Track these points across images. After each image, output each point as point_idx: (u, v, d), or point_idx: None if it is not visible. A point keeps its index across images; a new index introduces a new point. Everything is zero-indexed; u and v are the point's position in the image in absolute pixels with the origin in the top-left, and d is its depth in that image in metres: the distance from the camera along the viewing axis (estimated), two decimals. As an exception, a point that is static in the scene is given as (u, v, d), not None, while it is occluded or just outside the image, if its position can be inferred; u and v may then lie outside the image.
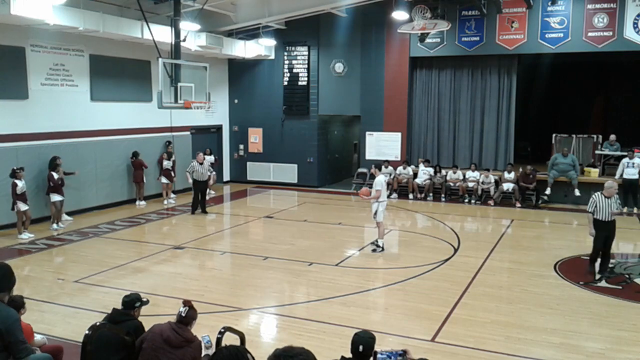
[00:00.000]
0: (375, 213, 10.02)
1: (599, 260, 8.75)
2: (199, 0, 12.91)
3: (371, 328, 4.55)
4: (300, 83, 17.77)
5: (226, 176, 18.95)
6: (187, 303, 4.35)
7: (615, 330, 6.61)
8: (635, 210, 13.84)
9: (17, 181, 10.89)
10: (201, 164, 13.55)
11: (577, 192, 14.30)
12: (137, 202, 14.55)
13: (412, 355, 3.56)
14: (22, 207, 10.95)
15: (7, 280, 4.40)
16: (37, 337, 4.99)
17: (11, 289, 4.50)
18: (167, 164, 15.01)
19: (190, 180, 13.59)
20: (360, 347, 3.67)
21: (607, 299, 7.70)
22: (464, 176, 15.70)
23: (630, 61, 16.02)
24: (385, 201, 10.18)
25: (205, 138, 17.61)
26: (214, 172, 16.51)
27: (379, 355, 3.51)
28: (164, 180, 14.98)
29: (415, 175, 16.13)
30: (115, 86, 14.12)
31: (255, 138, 18.68)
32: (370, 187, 10.41)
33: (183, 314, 4.28)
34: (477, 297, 7.73)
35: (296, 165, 18.15)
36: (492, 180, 15.25)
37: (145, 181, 14.60)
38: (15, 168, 10.98)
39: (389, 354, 3.50)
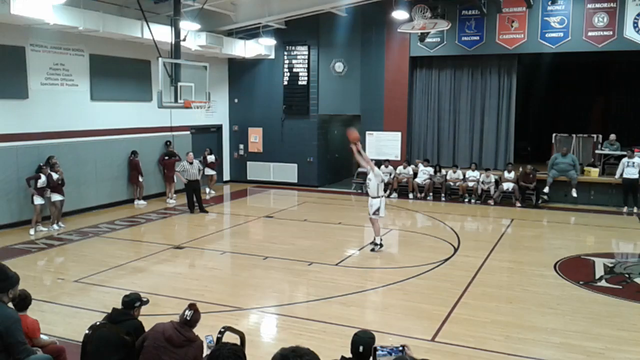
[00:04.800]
0: (378, 210, 9.98)
1: None
2: (198, 0, 12.91)
3: (371, 328, 4.55)
4: (300, 83, 17.76)
5: (226, 176, 18.94)
6: (192, 306, 4.35)
7: (615, 330, 6.60)
8: (635, 210, 13.84)
9: (41, 174, 11.35)
10: (191, 163, 13.53)
11: (574, 193, 14.29)
12: (135, 202, 14.54)
13: (411, 351, 3.56)
14: (39, 200, 11.35)
15: (2, 281, 4.37)
16: (44, 337, 5.00)
17: (9, 289, 4.46)
18: None
19: (184, 181, 13.53)
20: (361, 348, 3.67)
21: (607, 299, 7.70)
22: (464, 176, 15.70)
23: (630, 61, 16.02)
24: (383, 196, 10.18)
25: (205, 138, 17.60)
26: (214, 173, 16.54)
27: (379, 352, 3.52)
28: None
29: (415, 174, 16.12)
30: (115, 86, 14.11)
31: (255, 138, 18.68)
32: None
33: (188, 318, 4.28)
34: (477, 297, 7.73)
35: (296, 165, 18.14)
36: (492, 180, 15.25)
37: (141, 180, 14.51)
38: (41, 164, 11.54)
39: (389, 350, 3.51)
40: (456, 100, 16.73)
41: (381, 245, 10.14)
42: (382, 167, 16.12)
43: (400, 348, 3.51)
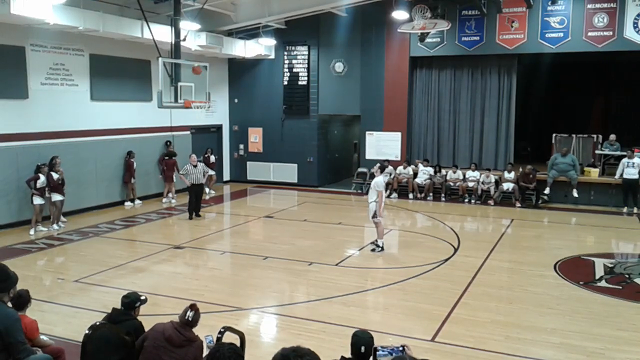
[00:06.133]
0: (375, 214, 10.00)
1: None
2: (198, 0, 12.91)
3: (371, 328, 4.55)
4: (300, 83, 17.76)
5: (226, 176, 18.94)
6: (193, 307, 4.35)
7: (615, 330, 6.60)
8: (635, 210, 13.84)
9: (40, 174, 11.30)
10: (195, 166, 12.90)
11: (575, 193, 14.30)
12: (125, 203, 14.36)
13: (411, 351, 3.55)
14: (39, 201, 11.30)
15: (3, 281, 4.39)
16: (44, 338, 5.00)
17: (10, 288, 4.50)
18: None
19: (188, 183, 12.87)
20: (362, 348, 3.67)
21: (607, 299, 7.70)
22: (464, 176, 15.69)
23: (630, 61, 16.01)
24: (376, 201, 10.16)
25: (205, 138, 17.60)
26: (213, 172, 16.51)
27: (379, 352, 3.50)
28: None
29: (415, 175, 16.12)
30: (115, 86, 14.11)
31: (255, 138, 18.68)
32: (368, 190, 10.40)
33: (190, 318, 4.28)
34: (477, 297, 7.73)
35: (296, 165, 18.15)
36: (492, 180, 15.24)
37: (133, 182, 14.36)
38: (40, 164, 11.47)
39: (389, 350, 3.49)
40: (456, 101, 16.72)
41: (382, 249, 10.13)
42: (385, 169, 15.81)
43: (401, 348, 3.51)
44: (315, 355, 2.65)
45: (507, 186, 15.00)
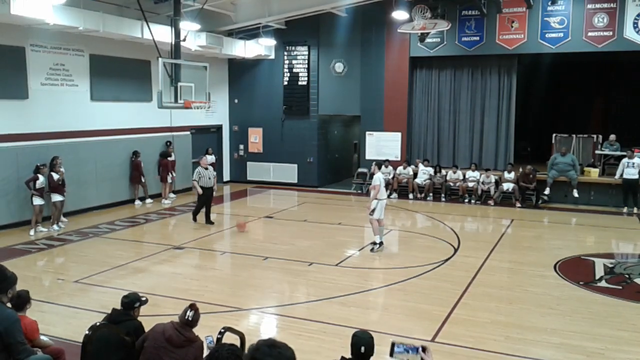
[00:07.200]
0: (373, 210, 10.00)
1: None
2: (198, 0, 12.92)
3: (371, 328, 4.55)
4: (300, 83, 17.76)
5: (226, 176, 18.94)
6: (193, 307, 4.35)
7: (615, 330, 6.60)
8: (635, 210, 13.84)
9: (39, 175, 11.27)
10: (206, 169, 12.25)
11: (575, 193, 14.29)
12: (136, 202, 14.55)
13: (430, 354, 3.30)
14: (39, 201, 11.28)
15: (1, 281, 4.40)
16: (44, 339, 5.00)
17: (8, 289, 4.50)
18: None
19: (200, 191, 12.05)
20: (362, 348, 3.66)
21: (607, 299, 7.70)
22: (464, 176, 15.69)
23: (630, 61, 16.01)
24: (384, 199, 10.18)
25: (205, 138, 17.60)
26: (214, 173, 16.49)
27: (396, 349, 3.32)
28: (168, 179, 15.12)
29: (415, 175, 16.12)
30: (115, 86, 14.11)
31: (255, 138, 18.68)
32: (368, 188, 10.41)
33: (190, 318, 4.28)
34: (477, 297, 7.73)
35: (296, 165, 18.15)
36: (492, 180, 15.24)
37: (143, 181, 14.53)
38: (39, 164, 11.42)
39: (406, 347, 3.27)
40: (456, 101, 16.73)
41: (381, 244, 10.13)
42: (382, 166, 15.93)
43: (420, 348, 3.23)
44: (287, 350, 2.45)
45: (507, 186, 15.00)
